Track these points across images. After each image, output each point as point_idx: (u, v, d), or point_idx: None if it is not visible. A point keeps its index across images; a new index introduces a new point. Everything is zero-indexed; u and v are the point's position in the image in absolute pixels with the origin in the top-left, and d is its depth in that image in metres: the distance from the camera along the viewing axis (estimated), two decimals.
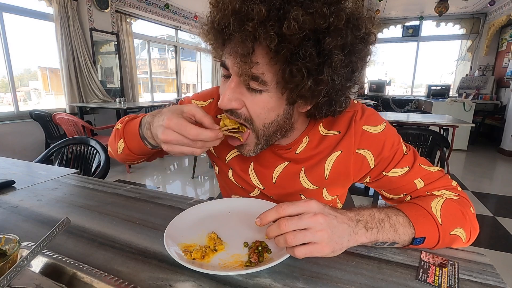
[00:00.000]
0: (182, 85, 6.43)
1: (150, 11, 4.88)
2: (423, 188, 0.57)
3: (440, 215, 0.49)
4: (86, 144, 1.34)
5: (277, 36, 0.39)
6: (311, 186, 0.63)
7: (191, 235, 0.52)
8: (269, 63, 0.43)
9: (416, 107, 6.10)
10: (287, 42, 0.39)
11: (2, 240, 0.40)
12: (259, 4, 0.39)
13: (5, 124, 3.20)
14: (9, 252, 0.39)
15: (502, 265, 1.69)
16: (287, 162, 0.63)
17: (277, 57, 0.42)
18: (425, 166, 0.58)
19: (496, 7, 5.11)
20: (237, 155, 0.67)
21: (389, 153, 0.57)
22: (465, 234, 0.50)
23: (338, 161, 0.60)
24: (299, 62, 0.41)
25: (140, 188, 0.79)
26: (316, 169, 0.61)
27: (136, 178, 3.19)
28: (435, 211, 0.49)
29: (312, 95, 0.45)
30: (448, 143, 2.32)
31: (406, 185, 0.58)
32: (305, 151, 0.61)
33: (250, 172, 0.66)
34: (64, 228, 0.39)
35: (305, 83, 0.43)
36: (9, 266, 0.36)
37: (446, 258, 0.46)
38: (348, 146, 0.58)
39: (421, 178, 0.57)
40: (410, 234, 0.47)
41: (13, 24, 3.32)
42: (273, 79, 0.45)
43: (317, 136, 0.61)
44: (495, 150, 4.54)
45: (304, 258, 0.41)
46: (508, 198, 2.70)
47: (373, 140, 0.58)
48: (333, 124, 0.60)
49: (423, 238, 0.47)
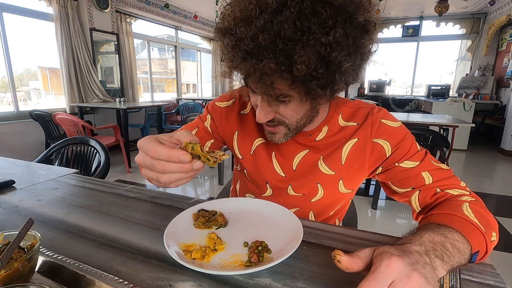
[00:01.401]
0: (182, 85, 6.43)
1: (150, 11, 4.88)
2: (431, 184, 0.57)
3: (479, 222, 0.46)
4: (86, 144, 1.34)
5: (289, 74, 0.43)
6: (328, 171, 0.66)
7: (191, 235, 0.52)
8: (289, 87, 0.47)
9: (416, 107, 6.10)
10: (300, 77, 0.43)
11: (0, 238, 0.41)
12: (267, 59, 0.41)
13: (5, 124, 3.20)
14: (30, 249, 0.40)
15: (502, 265, 1.69)
16: (307, 150, 0.67)
17: (294, 85, 0.46)
18: (436, 163, 0.60)
19: (496, 7, 5.11)
20: (260, 145, 0.70)
21: (406, 146, 0.61)
22: (497, 237, 0.48)
23: (354, 148, 0.64)
24: (313, 82, 0.44)
25: (140, 188, 0.79)
26: (334, 155, 0.65)
27: (136, 178, 3.19)
28: (473, 219, 0.47)
29: (332, 93, 0.49)
30: (448, 143, 2.32)
31: (415, 178, 0.59)
32: (324, 139, 0.66)
33: (274, 160, 0.69)
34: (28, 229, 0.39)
35: (324, 93, 0.46)
36: None
37: None
38: (365, 135, 0.63)
39: (429, 173, 0.58)
40: (468, 251, 0.43)
41: (13, 24, 3.32)
42: (296, 93, 0.49)
43: (336, 127, 0.66)
44: (495, 150, 4.54)
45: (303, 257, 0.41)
46: (508, 198, 2.70)
47: (392, 132, 0.62)
48: (352, 117, 0.66)
49: (477, 252, 0.44)
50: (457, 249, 0.42)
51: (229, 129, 0.73)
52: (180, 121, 4.89)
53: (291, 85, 0.46)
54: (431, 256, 0.38)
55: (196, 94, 7.21)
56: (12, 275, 0.34)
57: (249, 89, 0.55)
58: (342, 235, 0.54)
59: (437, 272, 0.37)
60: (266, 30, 0.41)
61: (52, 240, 0.52)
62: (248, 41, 0.42)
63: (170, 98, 5.97)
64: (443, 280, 0.41)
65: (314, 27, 0.40)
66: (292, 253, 0.43)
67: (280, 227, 0.54)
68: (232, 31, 0.44)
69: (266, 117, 0.54)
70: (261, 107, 0.53)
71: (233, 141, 0.73)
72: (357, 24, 0.43)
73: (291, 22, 0.40)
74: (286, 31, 0.40)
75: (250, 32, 0.42)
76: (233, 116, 0.72)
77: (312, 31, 0.40)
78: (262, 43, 0.41)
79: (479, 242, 0.45)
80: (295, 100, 0.51)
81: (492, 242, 0.47)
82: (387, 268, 0.33)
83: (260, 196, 0.75)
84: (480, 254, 0.45)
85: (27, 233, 0.39)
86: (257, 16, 0.41)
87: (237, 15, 0.44)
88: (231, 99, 0.74)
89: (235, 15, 0.44)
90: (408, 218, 2.29)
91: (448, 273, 0.40)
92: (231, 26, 0.44)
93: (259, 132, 0.70)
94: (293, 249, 0.44)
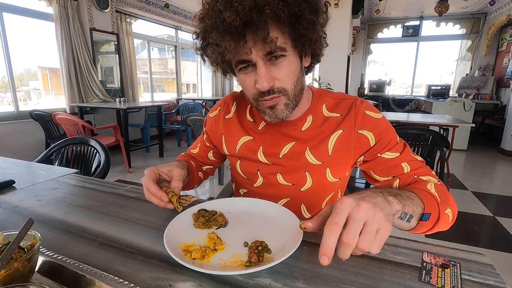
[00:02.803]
0: (182, 85, 6.43)
1: (150, 11, 4.88)
2: (410, 173, 0.64)
3: (438, 195, 0.55)
4: (86, 144, 1.34)
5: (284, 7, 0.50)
6: (315, 161, 0.69)
7: (191, 235, 0.52)
8: (282, 33, 0.55)
9: (416, 107, 6.10)
10: (290, 11, 0.51)
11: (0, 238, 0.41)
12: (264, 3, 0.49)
13: (5, 124, 3.20)
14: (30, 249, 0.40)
15: (502, 265, 1.69)
16: (293, 142, 0.70)
17: (285, 25, 0.53)
18: (413, 155, 0.67)
19: (496, 7, 5.11)
20: (245, 142, 0.75)
21: (388, 137, 0.66)
22: (452, 214, 0.56)
23: (340, 139, 0.68)
24: (301, 22, 0.53)
25: (140, 188, 0.79)
26: (320, 147, 0.68)
27: (136, 178, 3.19)
28: (433, 192, 0.55)
29: (311, 43, 0.58)
30: (448, 143, 2.32)
31: (395, 167, 0.65)
32: (310, 130, 0.70)
33: (259, 154, 0.73)
34: (29, 229, 0.39)
35: (310, 34, 0.55)
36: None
37: (448, 258, 0.46)
38: (349, 126, 0.67)
39: (408, 163, 0.65)
40: (421, 208, 0.50)
41: (13, 24, 3.32)
42: (288, 43, 0.57)
43: (320, 117, 0.70)
44: (495, 150, 4.54)
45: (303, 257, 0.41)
46: (508, 198, 2.70)
47: (375, 123, 0.66)
48: (335, 108, 0.70)
49: (429, 214, 0.50)
50: (410, 200, 0.48)
51: (218, 135, 0.80)
52: (180, 121, 4.89)
53: (283, 29, 0.54)
54: (385, 194, 0.44)
55: (196, 94, 7.22)
56: (12, 275, 0.34)
57: (244, 65, 0.59)
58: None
59: (392, 205, 0.43)
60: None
61: (52, 240, 0.52)
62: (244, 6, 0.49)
63: (170, 98, 5.97)
64: (444, 281, 0.41)
65: None
66: (292, 253, 0.43)
67: (280, 227, 0.54)
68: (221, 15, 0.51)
69: (269, 83, 0.58)
70: (262, 74, 0.57)
71: (222, 144, 0.79)
72: None
73: None
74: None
75: None
76: (220, 122, 0.79)
77: None
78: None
79: (432, 207, 0.52)
80: (288, 58, 0.58)
81: (445, 215, 0.54)
82: (340, 205, 0.39)
83: (252, 187, 0.77)
84: (432, 218, 0.51)
85: (27, 233, 0.39)
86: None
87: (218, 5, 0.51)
88: (217, 108, 0.81)
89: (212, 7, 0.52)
90: None
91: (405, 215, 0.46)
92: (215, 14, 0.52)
93: (244, 131, 0.75)
94: (293, 249, 0.44)
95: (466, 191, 2.83)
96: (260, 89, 0.59)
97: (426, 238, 1.93)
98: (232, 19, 0.50)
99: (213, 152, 0.86)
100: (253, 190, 0.77)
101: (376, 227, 0.37)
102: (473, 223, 2.20)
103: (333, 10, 3.18)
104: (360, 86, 6.84)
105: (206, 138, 0.85)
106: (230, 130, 0.77)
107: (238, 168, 0.78)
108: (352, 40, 5.93)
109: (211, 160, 0.87)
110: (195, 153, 0.87)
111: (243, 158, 0.76)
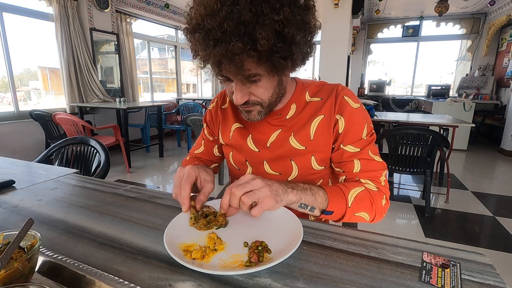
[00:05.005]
0: (182, 85, 6.43)
1: (150, 11, 4.88)
2: (357, 173, 0.68)
3: (353, 201, 0.63)
4: (86, 144, 1.34)
5: (255, 52, 0.50)
6: (299, 146, 0.71)
7: (191, 235, 0.52)
8: (256, 65, 0.55)
9: (416, 107, 6.10)
10: (263, 51, 0.51)
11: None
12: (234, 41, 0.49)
13: (5, 124, 3.20)
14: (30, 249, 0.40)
15: (502, 265, 1.69)
16: (279, 130, 0.73)
17: (260, 61, 0.53)
18: (372, 154, 0.69)
19: (496, 7, 5.11)
20: (236, 128, 0.78)
21: (356, 129, 0.68)
22: (369, 216, 0.65)
23: (321, 124, 0.70)
24: (275, 55, 0.52)
25: (140, 188, 0.79)
26: (303, 131, 0.71)
27: (136, 178, 3.19)
28: (350, 197, 0.63)
29: (292, 64, 0.58)
30: (448, 143, 2.32)
31: (348, 163, 0.69)
32: (294, 117, 0.72)
33: (248, 140, 0.76)
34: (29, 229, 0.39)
35: (286, 64, 0.55)
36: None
37: (448, 258, 0.46)
38: (329, 110, 0.69)
39: (360, 161, 0.68)
40: (324, 206, 0.61)
41: (13, 24, 3.32)
42: (264, 70, 0.57)
43: (303, 103, 0.73)
44: (495, 150, 4.54)
45: (303, 257, 0.41)
46: (508, 198, 2.70)
47: (350, 112, 0.68)
48: (316, 93, 0.73)
49: (331, 211, 0.62)
50: (314, 197, 0.60)
51: (217, 125, 0.83)
52: (180, 121, 4.89)
53: (258, 63, 0.53)
54: (287, 186, 0.58)
55: (196, 94, 7.21)
56: (12, 275, 0.34)
57: (224, 78, 0.61)
58: (342, 235, 0.54)
59: (287, 194, 0.56)
60: (229, 18, 0.48)
61: (52, 240, 0.52)
62: (216, 30, 0.49)
63: (170, 98, 5.97)
64: (444, 281, 0.41)
65: (266, 10, 0.49)
66: (292, 253, 0.43)
67: (280, 227, 0.54)
68: (201, 25, 0.51)
69: (243, 99, 0.61)
70: (236, 90, 0.60)
71: (219, 132, 0.82)
72: (299, 4, 0.54)
73: (248, 9, 0.48)
74: (245, 16, 0.48)
75: (216, 22, 0.49)
76: (218, 112, 0.83)
77: (265, 13, 0.49)
78: (227, 30, 0.49)
79: (338, 208, 0.62)
80: (264, 78, 0.59)
81: (357, 217, 0.64)
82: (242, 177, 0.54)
83: None
84: (335, 216, 0.63)
85: (27, 233, 0.39)
86: (219, 8, 0.49)
87: (202, 11, 0.51)
88: (215, 100, 0.85)
89: (200, 12, 0.51)
90: (408, 218, 2.29)
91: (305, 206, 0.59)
92: (199, 22, 0.52)
93: (236, 119, 0.79)
94: (293, 249, 0.44)
95: (466, 191, 2.83)
96: (235, 103, 0.62)
97: (426, 238, 1.94)
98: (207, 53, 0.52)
99: (217, 147, 0.87)
100: None
101: (260, 196, 0.51)
102: (473, 223, 2.20)
103: (333, 10, 3.17)
104: (360, 86, 6.83)
105: (208, 132, 0.86)
106: (225, 119, 0.81)
107: (231, 159, 0.81)
108: (352, 40, 5.93)
109: (216, 157, 0.89)
110: (200, 152, 0.88)
111: (234, 148, 0.79)
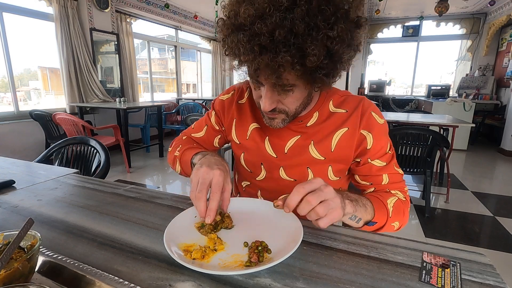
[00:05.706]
0: (182, 85, 6.43)
1: (150, 11, 4.88)
2: (386, 185, 0.69)
3: (392, 211, 0.63)
4: (86, 144, 1.34)
5: (301, 66, 0.47)
6: (318, 156, 0.70)
7: (191, 235, 0.52)
8: (297, 77, 0.51)
9: (416, 107, 6.10)
10: (309, 69, 0.47)
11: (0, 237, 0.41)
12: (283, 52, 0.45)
13: (5, 124, 3.20)
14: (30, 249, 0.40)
15: (502, 265, 1.69)
16: (298, 136, 0.71)
17: (303, 75, 0.50)
18: (396, 168, 0.70)
19: (496, 7, 5.11)
20: (254, 129, 0.75)
21: (382, 144, 0.68)
22: (398, 225, 0.66)
23: (344, 137, 0.68)
24: (319, 72, 0.49)
25: (140, 188, 0.79)
26: (324, 142, 0.69)
27: (136, 178, 3.19)
28: (389, 207, 0.64)
29: (332, 81, 0.55)
30: (448, 143, 2.32)
31: (377, 177, 0.69)
32: (315, 125, 0.70)
33: (266, 143, 0.74)
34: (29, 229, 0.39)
35: (328, 81, 0.52)
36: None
37: (448, 258, 0.46)
38: (354, 125, 0.67)
39: (388, 176, 0.68)
40: (371, 216, 0.60)
41: (13, 24, 3.32)
42: (302, 82, 0.54)
43: (326, 112, 0.70)
44: (495, 150, 4.54)
45: (303, 257, 0.42)
46: (508, 198, 2.70)
47: (378, 127, 0.68)
48: (341, 104, 0.70)
49: (375, 222, 0.61)
50: (364, 208, 0.58)
51: (229, 118, 0.80)
52: (180, 121, 4.88)
53: (300, 76, 0.50)
54: (344, 196, 0.54)
55: (196, 94, 7.22)
56: (12, 275, 0.34)
57: (256, 82, 0.58)
58: (342, 235, 0.54)
59: (346, 206, 0.52)
60: (281, 26, 0.44)
61: (52, 240, 0.52)
62: (265, 37, 0.45)
63: (170, 98, 5.97)
64: (444, 281, 0.41)
65: (321, 24, 0.44)
66: (292, 253, 0.43)
67: (280, 227, 0.54)
68: (247, 27, 0.47)
69: (271, 106, 0.59)
70: (267, 97, 0.57)
71: (232, 128, 0.79)
72: (352, 19, 0.48)
73: (301, 19, 0.44)
74: (298, 27, 0.44)
75: (266, 28, 0.44)
76: (232, 105, 0.79)
77: (319, 27, 0.44)
78: (277, 38, 0.44)
79: (381, 218, 0.62)
80: (298, 89, 0.56)
81: (391, 226, 0.65)
82: (314, 179, 0.49)
83: (255, 180, 0.77)
84: (377, 226, 0.62)
85: (27, 233, 0.39)
86: (271, 13, 0.45)
87: (251, 12, 0.46)
88: (231, 92, 0.81)
89: (249, 12, 0.46)
90: (408, 218, 2.29)
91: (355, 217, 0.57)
92: (246, 23, 0.47)
93: (254, 118, 0.76)
94: (293, 249, 0.44)
95: (466, 191, 2.83)
96: (262, 109, 0.60)
97: (426, 238, 1.94)
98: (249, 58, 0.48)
99: (219, 138, 0.84)
100: (256, 183, 0.78)
101: (333, 206, 0.48)
102: (473, 223, 2.20)
103: None
104: (360, 86, 6.83)
105: (216, 121, 0.82)
106: (242, 115, 0.77)
107: (242, 161, 0.78)
108: None
109: (214, 147, 0.85)
110: (198, 136, 0.84)
111: (249, 149, 0.76)
